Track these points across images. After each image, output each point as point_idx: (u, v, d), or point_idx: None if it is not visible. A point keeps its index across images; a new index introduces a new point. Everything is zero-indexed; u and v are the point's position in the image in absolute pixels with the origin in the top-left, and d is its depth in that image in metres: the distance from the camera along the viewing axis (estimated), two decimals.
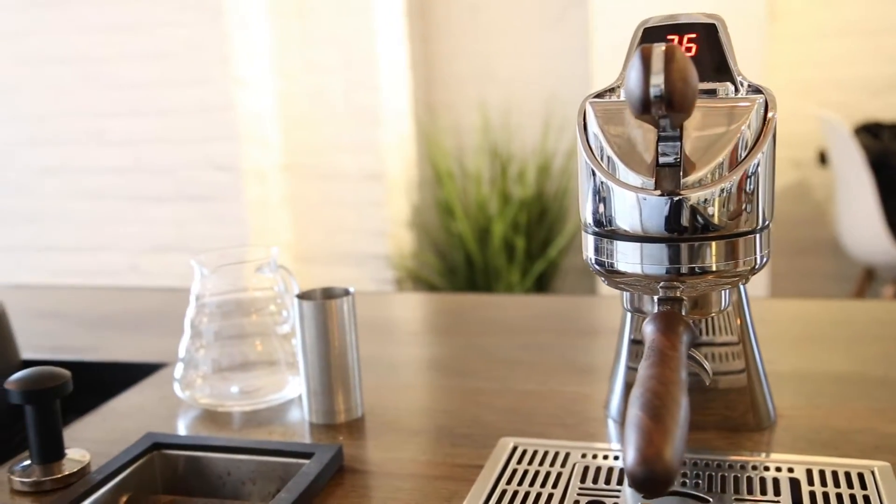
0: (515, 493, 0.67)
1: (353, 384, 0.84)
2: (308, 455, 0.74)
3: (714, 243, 0.58)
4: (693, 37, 0.64)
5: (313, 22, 3.21)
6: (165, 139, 3.18)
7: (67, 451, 0.76)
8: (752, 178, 0.57)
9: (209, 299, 0.90)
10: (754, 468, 0.68)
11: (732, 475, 0.68)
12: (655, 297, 0.61)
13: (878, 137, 3.18)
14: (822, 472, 0.67)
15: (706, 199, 0.57)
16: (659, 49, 0.49)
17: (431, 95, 3.72)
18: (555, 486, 0.68)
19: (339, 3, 3.18)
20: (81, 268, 3.40)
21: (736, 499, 0.64)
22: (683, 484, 0.66)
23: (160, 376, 1.01)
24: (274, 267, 0.92)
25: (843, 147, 2.95)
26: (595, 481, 0.68)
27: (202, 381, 0.89)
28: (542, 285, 3.42)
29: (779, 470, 0.68)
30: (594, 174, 0.60)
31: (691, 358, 0.62)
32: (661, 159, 0.57)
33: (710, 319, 0.75)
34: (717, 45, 0.64)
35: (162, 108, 3.16)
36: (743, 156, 0.58)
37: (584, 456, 0.72)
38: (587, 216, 0.62)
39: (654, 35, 0.65)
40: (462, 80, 3.66)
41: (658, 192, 0.57)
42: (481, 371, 0.98)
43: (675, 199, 0.56)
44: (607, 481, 0.68)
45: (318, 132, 3.29)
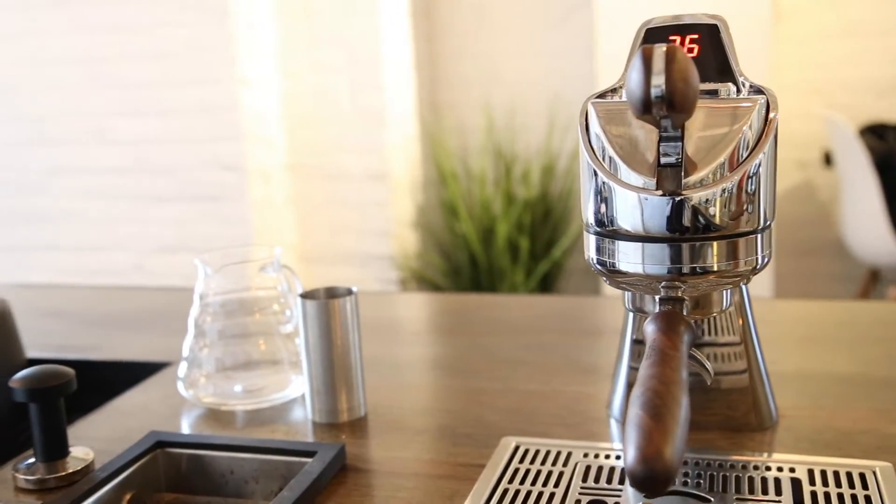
0: (517, 492, 0.67)
1: (356, 383, 0.84)
2: (311, 454, 0.74)
3: (715, 243, 0.58)
4: (695, 37, 0.65)
5: (318, 22, 3.21)
6: (170, 139, 3.19)
7: (71, 449, 0.76)
8: (753, 178, 0.57)
9: (213, 298, 0.90)
10: (756, 468, 0.69)
11: (734, 475, 0.68)
12: (657, 297, 0.61)
13: (883, 138, 3.17)
14: (823, 473, 0.67)
15: (707, 200, 0.57)
16: (660, 49, 0.49)
17: (436, 96, 3.72)
18: (556, 485, 0.68)
19: (345, 4, 3.19)
20: (86, 267, 3.41)
21: (737, 498, 0.64)
22: (685, 483, 0.67)
23: (164, 375, 1.01)
24: (277, 266, 0.92)
25: (849, 148, 2.94)
26: (597, 481, 0.68)
27: (206, 380, 0.89)
28: (546, 286, 3.42)
29: (780, 470, 0.68)
30: (596, 174, 0.60)
31: (692, 357, 0.62)
32: (663, 159, 0.57)
33: (712, 320, 0.76)
34: (720, 45, 0.64)
35: (167, 108, 3.17)
36: (744, 156, 0.58)
37: (586, 455, 0.72)
38: (589, 216, 0.62)
39: (657, 36, 0.66)
40: (467, 80, 3.66)
41: (659, 192, 0.57)
42: (484, 371, 0.98)
43: (676, 199, 0.57)
44: (609, 481, 0.68)
45: (323, 132, 3.29)
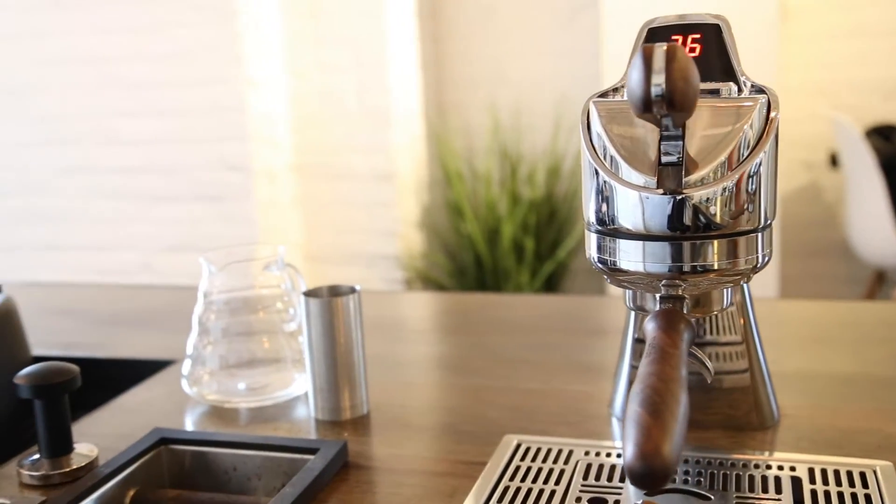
0: (518, 490, 0.67)
1: (359, 381, 0.84)
2: (313, 451, 0.74)
3: (716, 242, 0.58)
4: (697, 37, 0.65)
5: (325, 22, 3.22)
6: (177, 139, 3.20)
7: (76, 445, 0.77)
8: (753, 177, 0.58)
9: (217, 297, 0.90)
10: (756, 467, 0.69)
11: (735, 473, 0.68)
12: (657, 296, 0.62)
13: (889, 140, 3.17)
14: (824, 471, 0.67)
15: (708, 198, 0.57)
16: (660, 48, 0.49)
17: (442, 96, 3.72)
18: (557, 482, 0.68)
19: (351, 4, 3.19)
20: (94, 267, 3.42)
21: (738, 497, 0.64)
22: (686, 482, 0.67)
23: (168, 373, 1.01)
24: (281, 265, 0.93)
25: (855, 149, 2.94)
26: (597, 478, 0.68)
27: (209, 377, 0.90)
28: (551, 286, 3.43)
29: (781, 469, 0.68)
30: (597, 173, 0.61)
31: (692, 356, 0.62)
32: (664, 158, 0.57)
33: (714, 319, 0.76)
34: (722, 45, 0.64)
35: (174, 109, 3.18)
36: (745, 155, 0.58)
37: (587, 453, 0.73)
38: (590, 215, 0.62)
39: (659, 35, 0.66)
40: (473, 81, 3.67)
41: (660, 190, 0.57)
42: (486, 369, 0.99)
43: (677, 197, 0.57)
44: (609, 478, 0.68)
45: (329, 132, 3.30)
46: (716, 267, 0.58)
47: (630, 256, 0.60)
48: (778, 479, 0.66)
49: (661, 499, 0.65)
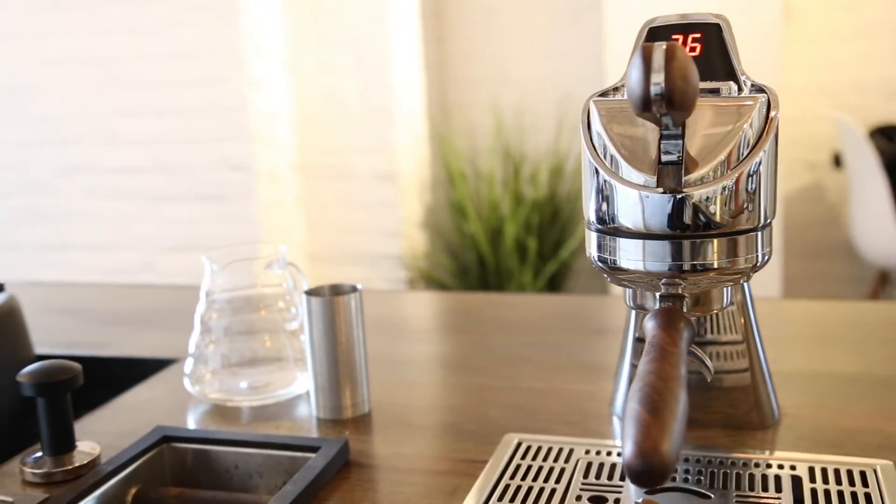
0: (518, 488, 0.68)
1: (360, 380, 0.85)
2: (314, 449, 0.75)
3: (716, 240, 0.58)
4: (697, 36, 0.65)
5: (327, 22, 3.22)
6: (179, 139, 3.21)
7: (78, 443, 0.77)
8: (753, 176, 0.58)
9: (219, 296, 0.91)
10: (757, 465, 0.69)
11: (735, 472, 0.68)
12: (657, 294, 0.62)
13: (892, 140, 3.16)
14: (824, 470, 0.67)
15: (708, 197, 0.57)
16: (660, 47, 0.49)
17: (445, 96, 3.72)
18: (558, 481, 0.68)
19: (354, 4, 3.20)
20: (97, 266, 3.43)
21: (738, 495, 0.64)
22: (686, 480, 0.67)
23: (171, 371, 1.02)
24: (283, 264, 0.93)
25: (858, 149, 2.94)
26: (598, 477, 0.68)
27: (211, 376, 0.90)
28: (554, 286, 3.43)
29: (781, 467, 0.68)
30: (597, 172, 0.61)
31: (692, 354, 0.62)
32: (664, 157, 0.57)
33: (715, 318, 0.76)
34: (722, 44, 0.65)
35: (176, 109, 3.18)
36: (745, 154, 0.58)
37: (588, 452, 0.73)
38: (590, 214, 0.62)
39: (660, 35, 0.66)
40: (476, 81, 3.67)
41: (660, 189, 0.57)
42: (488, 368, 0.99)
43: (677, 196, 0.57)
44: (610, 477, 0.68)
45: (332, 132, 3.30)
46: (715, 266, 0.59)
47: (630, 255, 0.60)
48: (778, 478, 0.66)
49: (662, 497, 0.65)
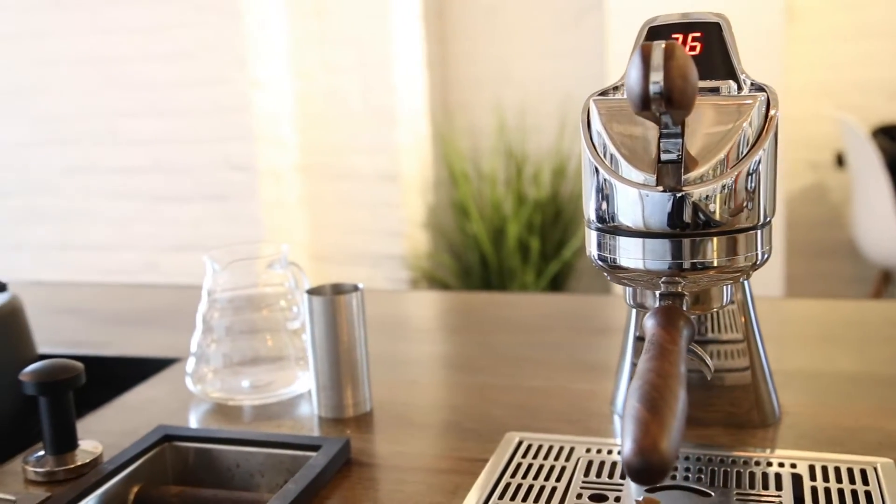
0: (519, 486, 0.68)
1: (362, 379, 0.85)
2: (315, 448, 0.75)
3: (715, 239, 0.58)
4: (697, 35, 0.65)
5: (330, 23, 3.23)
6: (182, 139, 3.21)
7: (80, 442, 0.77)
8: (753, 175, 0.58)
9: (221, 295, 0.91)
10: (757, 464, 0.69)
11: (735, 470, 0.68)
12: (657, 293, 0.62)
13: (895, 140, 3.16)
14: (824, 468, 0.67)
15: (707, 196, 0.57)
16: (659, 46, 0.49)
17: (447, 96, 3.73)
18: (558, 479, 0.68)
19: (356, 5, 3.20)
20: (101, 266, 3.44)
21: (738, 493, 0.65)
22: (686, 478, 0.67)
23: (173, 371, 1.02)
24: (284, 263, 0.93)
25: (861, 149, 2.93)
26: (598, 475, 0.69)
27: (213, 375, 0.90)
28: (556, 286, 3.43)
29: (781, 466, 0.68)
30: (597, 171, 0.61)
31: (692, 352, 0.62)
32: (663, 156, 0.58)
33: (715, 317, 0.76)
34: (722, 43, 0.65)
35: (179, 109, 3.19)
36: (744, 153, 0.58)
37: (589, 451, 0.73)
38: (590, 213, 0.63)
39: (660, 34, 0.66)
40: (478, 81, 3.67)
41: (660, 188, 0.57)
42: (490, 367, 0.99)
43: (676, 195, 0.57)
44: (611, 475, 0.68)
45: (334, 133, 3.30)
46: (715, 264, 0.59)
47: (630, 254, 0.60)
48: (778, 476, 0.67)
49: (662, 495, 0.65)
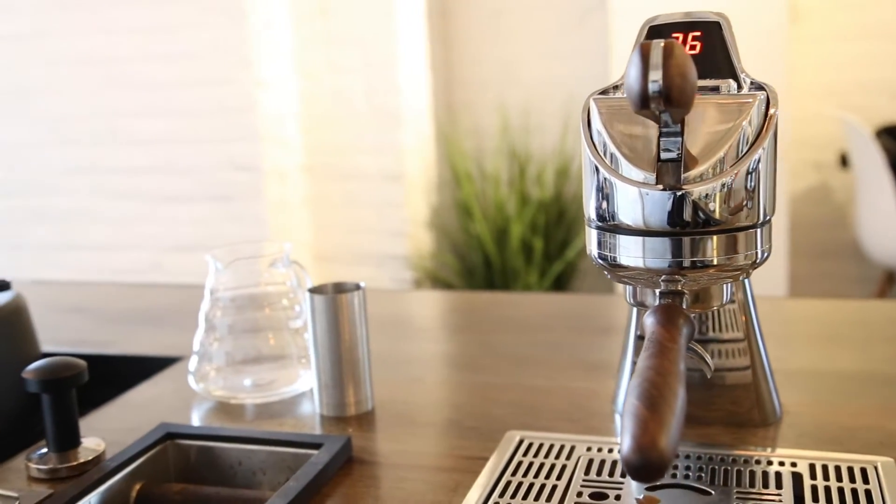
0: (520, 485, 0.68)
1: (364, 377, 0.85)
2: (317, 446, 0.75)
3: (715, 237, 0.58)
4: (697, 34, 0.65)
5: (335, 23, 3.23)
6: (187, 140, 3.22)
7: (83, 439, 0.77)
8: (752, 173, 0.58)
9: (223, 294, 0.91)
10: (757, 462, 0.69)
11: (735, 469, 0.68)
12: (657, 291, 0.62)
13: None
14: (825, 467, 0.67)
15: (707, 194, 0.57)
16: (658, 45, 0.50)
17: (451, 97, 3.73)
18: (559, 477, 0.69)
19: (361, 5, 3.20)
20: (105, 266, 3.44)
21: (738, 492, 0.65)
22: (686, 477, 0.67)
23: (176, 369, 1.02)
24: (287, 262, 0.93)
25: (865, 149, 2.93)
26: (599, 474, 0.69)
27: (216, 373, 0.90)
28: (560, 286, 3.43)
29: (782, 464, 0.68)
30: (597, 170, 0.61)
31: (692, 351, 0.62)
32: (663, 154, 0.58)
33: (716, 316, 0.76)
34: (722, 42, 0.65)
35: (184, 109, 3.19)
36: (744, 151, 0.58)
37: (590, 449, 0.73)
38: (590, 211, 0.63)
39: (660, 33, 0.66)
40: (482, 82, 3.67)
41: (660, 186, 0.57)
42: (492, 367, 0.99)
43: (676, 193, 0.57)
44: (611, 474, 0.69)
45: (339, 133, 3.31)
46: (715, 262, 0.59)
47: (630, 252, 0.60)
48: (779, 475, 0.67)
49: (663, 494, 0.65)
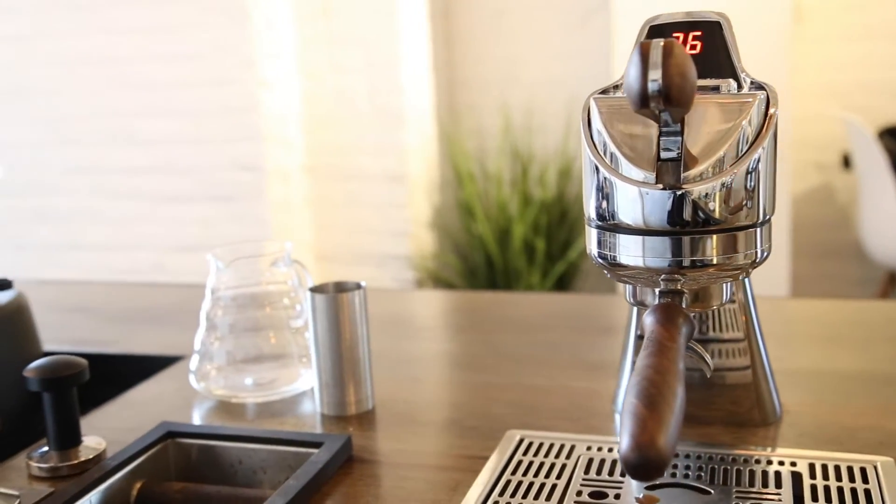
0: (520, 484, 0.68)
1: (364, 376, 0.85)
2: (317, 444, 0.75)
3: (715, 236, 0.58)
4: (698, 34, 0.65)
5: (338, 23, 3.23)
6: (190, 140, 3.22)
7: (84, 438, 0.78)
8: (752, 173, 0.58)
9: (224, 293, 0.91)
10: (757, 462, 0.69)
11: (735, 468, 0.68)
12: (657, 290, 0.62)
13: None
14: (824, 467, 0.68)
15: (707, 194, 0.57)
16: (657, 44, 0.50)
17: (454, 97, 3.73)
18: (559, 477, 0.69)
19: (364, 5, 3.21)
20: (108, 266, 3.45)
21: (738, 491, 0.65)
22: (686, 476, 0.67)
23: (177, 368, 1.02)
24: (288, 261, 0.94)
25: (867, 150, 2.93)
26: (599, 473, 0.69)
27: (217, 372, 0.90)
28: (562, 287, 3.43)
29: (781, 464, 0.68)
30: (597, 169, 0.61)
31: (691, 350, 0.62)
32: (663, 154, 0.58)
33: (717, 316, 0.76)
34: (722, 42, 0.65)
35: (187, 109, 3.20)
36: (744, 151, 0.58)
37: (589, 448, 0.73)
38: (591, 211, 0.63)
39: (661, 32, 0.66)
40: (485, 82, 3.67)
41: (660, 186, 0.57)
42: (493, 366, 0.99)
43: (676, 193, 0.57)
44: (611, 473, 0.69)
45: (341, 133, 3.31)
46: (715, 261, 0.59)
47: (630, 251, 0.60)
48: (778, 474, 0.67)
49: (662, 493, 0.65)
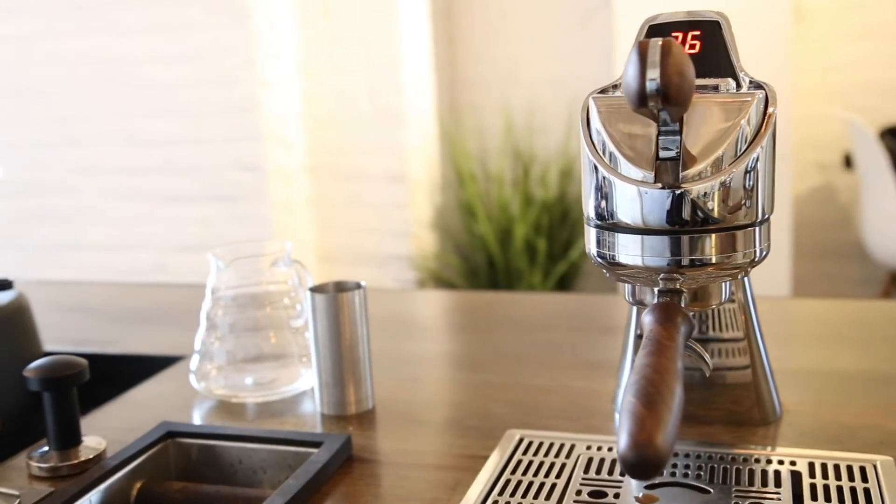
0: (519, 483, 0.68)
1: (364, 376, 0.85)
2: (317, 444, 0.75)
3: (714, 236, 0.58)
4: (697, 33, 0.65)
5: (338, 23, 3.24)
6: (191, 140, 3.23)
7: (84, 438, 0.78)
8: (751, 172, 0.58)
9: (225, 292, 0.91)
10: (757, 461, 0.69)
11: (735, 468, 0.68)
12: (655, 289, 0.62)
13: None
14: (824, 466, 0.67)
15: (706, 193, 0.57)
16: (655, 43, 0.50)
17: (455, 97, 3.73)
18: (558, 476, 0.69)
19: (365, 5, 3.21)
20: (110, 266, 3.45)
21: (737, 490, 0.65)
22: (686, 475, 0.67)
23: (177, 368, 1.03)
24: (288, 261, 0.94)
25: (869, 150, 2.92)
26: (598, 472, 0.69)
27: (217, 372, 0.91)
28: (563, 287, 3.43)
29: (781, 463, 0.68)
30: (596, 169, 0.61)
31: (690, 349, 0.62)
32: (662, 153, 0.58)
33: (716, 316, 0.76)
34: (721, 41, 0.65)
35: (188, 109, 3.20)
36: (742, 150, 0.58)
37: (589, 448, 0.73)
38: (589, 210, 0.63)
39: (660, 32, 0.66)
40: (486, 82, 3.67)
41: (658, 185, 0.57)
42: (493, 366, 0.99)
43: (675, 192, 0.57)
44: (610, 472, 0.69)
45: (343, 133, 3.31)
46: (714, 261, 0.59)
47: (629, 250, 0.60)
48: (778, 474, 0.67)
49: (662, 492, 0.65)
